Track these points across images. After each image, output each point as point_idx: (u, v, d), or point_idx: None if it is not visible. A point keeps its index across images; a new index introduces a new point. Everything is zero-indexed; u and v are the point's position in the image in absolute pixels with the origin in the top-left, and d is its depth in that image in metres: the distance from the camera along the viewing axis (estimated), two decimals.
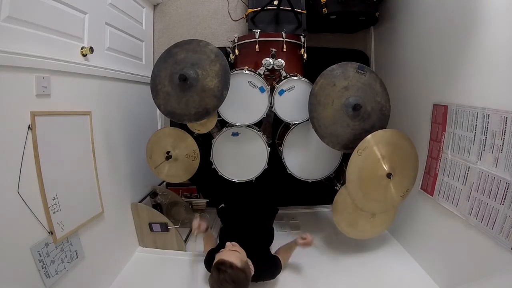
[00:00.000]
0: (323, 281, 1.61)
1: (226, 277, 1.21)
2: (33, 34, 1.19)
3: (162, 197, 2.12)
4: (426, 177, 1.70)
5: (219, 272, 1.23)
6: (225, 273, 1.22)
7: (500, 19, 1.21)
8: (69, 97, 1.38)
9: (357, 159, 1.47)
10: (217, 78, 1.49)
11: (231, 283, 1.21)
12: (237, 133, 1.74)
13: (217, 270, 1.25)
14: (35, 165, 1.14)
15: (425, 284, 1.54)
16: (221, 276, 1.22)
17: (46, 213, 1.18)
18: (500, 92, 1.21)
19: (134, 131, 2.00)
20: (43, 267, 1.14)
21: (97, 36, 1.65)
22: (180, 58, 1.53)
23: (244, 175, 1.81)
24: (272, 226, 1.86)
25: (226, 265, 1.25)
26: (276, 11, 1.94)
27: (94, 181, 1.50)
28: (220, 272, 1.23)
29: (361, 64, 1.51)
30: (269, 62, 1.65)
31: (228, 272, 1.23)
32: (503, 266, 1.16)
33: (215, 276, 1.24)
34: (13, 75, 1.08)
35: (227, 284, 1.21)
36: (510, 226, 1.13)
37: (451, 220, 1.46)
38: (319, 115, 1.53)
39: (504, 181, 1.17)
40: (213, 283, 1.25)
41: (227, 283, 1.21)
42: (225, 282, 1.21)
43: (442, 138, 1.57)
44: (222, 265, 1.26)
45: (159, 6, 2.51)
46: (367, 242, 1.87)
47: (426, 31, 1.74)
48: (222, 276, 1.22)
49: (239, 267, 1.27)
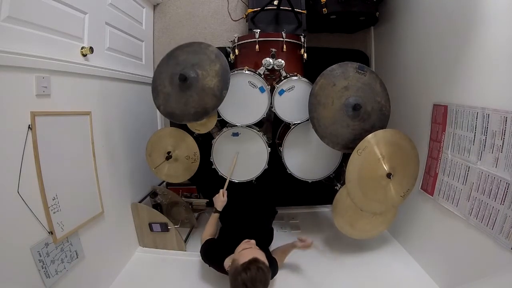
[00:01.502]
0: (323, 281, 1.60)
1: (261, 277, 1.21)
2: (33, 34, 1.19)
3: (162, 197, 2.12)
4: (426, 177, 1.70)
5: (257, 270, 1.22)
6: (262, 272, 1.22)
7: (500, 19, 1.21)
8: (69, 97, 1.38)
9: (357, 159, 1.47)
10: (217, 78, 1.49)
11: (264, 282, 1.23)
12: (237, 133, 1.74)
13: (256, 268, 1.23)
14: (35, 165, 1.14)
15: (425, 284, 1.54)
16: (259, 273, 1.21)
17: (46, 213, 1.18)
18: (500, 92, 1.21)
19: (134, 131, 2.00)
20: (43, 267, 1.14)
21: (97, 36, 1.65)
22: (181, 60, 1.54)
23: (244, 175, 1.82)
24: (272, 227, 1.86)
25: (263, 264, 1.26)
26: (276, 11, 1.94)
27: (94, 181, 1.50)
28: (258, 270, 1.22)
29: (361, 64, 1.51)
30: (269, 62, 1.65)
31: (265, 271, 1.24)
32: (503, 266, 1.16)
33: (253, 272, 1.21)
34: (13, 75, 1.08)
35: (260, 285, 1.20)
36: (510, 226, 1.13)
37: (451, 220, 1.46)
38: (319, 115, 1.53)
39: (504, 181, 1.17)
40: (246, 280, 1.21)
41: (260, 284, 1.20)
42: (259, 282, 1.20)
43: (442, 138, 1.57)
44: (261, 264, 1.26)
45: (159, 6, 2.50)
46: (367, 242, 1.87)
47: (426, 31, 1.74)
48: (260, 274, 1.21)
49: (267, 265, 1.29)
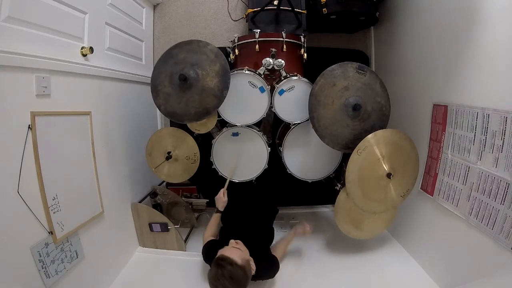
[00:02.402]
0: (323, 281, 1.61)
1: (225, 273, 1.22)
2: (33, 34, 1.19)
3: (162, 197, 2.12)
4: (426, 177, 1.70)
5: (217, 267, 1.25)
6: (224, 269, 1.23)
7: (500, 19, 1.21)
8: (69, 97, 1.38)
9: (357, 159, 1.47)
10: (217, 78, 1.49)
11: (228, 279, 1.22)
12: (237, 133, 1.74)
13: (216, 265, 1.26)
14: (35, 165, 1.14)
15: (425, 284, 1.54)
16: (219, 271, 1.23)
17: (46, 213, 1.18)
18: (500, 92, 1.21)
19: (134, 131, 2.00)
20: (43, 267, 1.14)
21: (97, 36, 1.65)
22: (180, 59, 1.53)
23: (244, 175, 1.81)
24: (272, 226, 1.86)
25: (226, 261, 1.27)
26: (276, 11, 1.94)
27: (94, 181, 1.50)
28: (218, 267, 1.25)
29: (361, 64, 1.51)
30: (269, 62, 1.65)
31: (228, 268, 1.24)
32: (503, 266, 1.16)
33: (213, 271, 1.26)
34: (13, 75, 1.08)
35: (224, 280, 1.22)
36: (510, 226, 1.13)
37: (451, 220, 1.46)
38: (319, 115, 1.53)
39: (504, 181, 1.17)
40: (211, 277, 1.26)
41: (224, 279, 1.22)
42: (222, 277, 1.22)
43: (442, 138, 1.57)
44: (222, 261, 1.27)
45: (159, 6, 2.51)
46: (367, 242, 1.87)
47: (426, 31, 1.74)
48: (220, 272, 1.23)
49: (239, 265, 1.27)
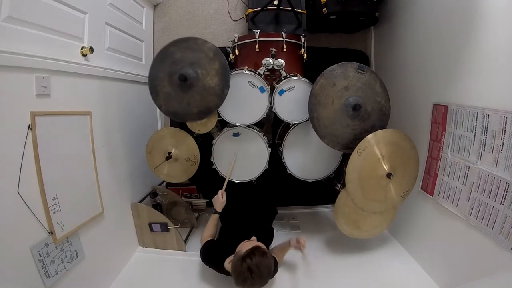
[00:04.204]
0: (322, 281, 1.60)
1: (266, 262, 1.29)
2: (33, 34, 1.19)
3: (162, 197, 2.12)
4: (426, 177, 1.70)
5: (261, 255, 1.29)
6: (266, 257, 1.30)
7: (500, 19, 1.21)
8: (69, 97, 1.38)
9: (357, 159, 1.47)
10: (217, 77, 1.49)
11: (268, 268, 1.30)
12: (238, 133, 1.73)
13: (260, 253, 1.30)
14: (35, 165, 1.14)
15: (425, 284, 1.54)
16: (263, 259, 1.29)
17: (46, 213, 1.18)
18: (500, 92, 1.21)
19: (134, 131, 2.00)
20: (43, 267, 1.14)
21: (97, 36, 1.65)
22: (178, 57, 1.52)
23: (244, 176, 1.81)
24: (272, 227, 1.86)
25: (267, 251, 1.35)
26: (276, 11, 1.94)
27: (94, 181, 1.50)
28: (260, 255, 1.29)
29: (361, 64, 1.51)
30: (269, 62, 1.65)
31: (268, 257, 1.32)
32: (503, 266, 1.16)
33: (256, 258, 1.27)
34: (13, 75, 1.08)
35: (265, 269, 1.28)
36: (510, 226, 1.13)
37: (451, 220, 1.46)
38: (319, 115, 1.53)
39: (504, 181, 1.17)
40: (251, 264, 1.25)
41: (265, 268, 1.28)
42: (264, 267, 1.27)
43: (442, 138, 1.57)
44: (264, 250, 1.34)
45: (159, 6, 2.50)
46: (367, 242, 1.86)
47: (426, 31, 1.74)
48: (264, 259, 1.29)
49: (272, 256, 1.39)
